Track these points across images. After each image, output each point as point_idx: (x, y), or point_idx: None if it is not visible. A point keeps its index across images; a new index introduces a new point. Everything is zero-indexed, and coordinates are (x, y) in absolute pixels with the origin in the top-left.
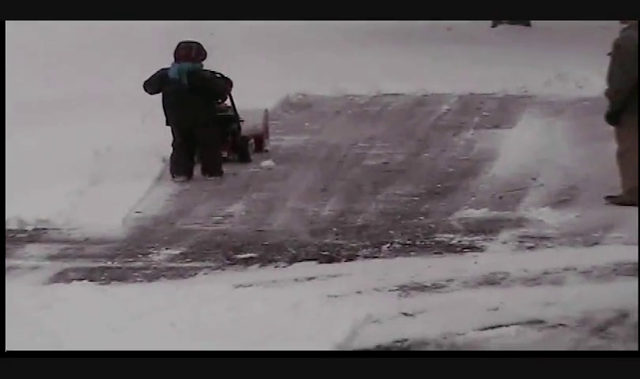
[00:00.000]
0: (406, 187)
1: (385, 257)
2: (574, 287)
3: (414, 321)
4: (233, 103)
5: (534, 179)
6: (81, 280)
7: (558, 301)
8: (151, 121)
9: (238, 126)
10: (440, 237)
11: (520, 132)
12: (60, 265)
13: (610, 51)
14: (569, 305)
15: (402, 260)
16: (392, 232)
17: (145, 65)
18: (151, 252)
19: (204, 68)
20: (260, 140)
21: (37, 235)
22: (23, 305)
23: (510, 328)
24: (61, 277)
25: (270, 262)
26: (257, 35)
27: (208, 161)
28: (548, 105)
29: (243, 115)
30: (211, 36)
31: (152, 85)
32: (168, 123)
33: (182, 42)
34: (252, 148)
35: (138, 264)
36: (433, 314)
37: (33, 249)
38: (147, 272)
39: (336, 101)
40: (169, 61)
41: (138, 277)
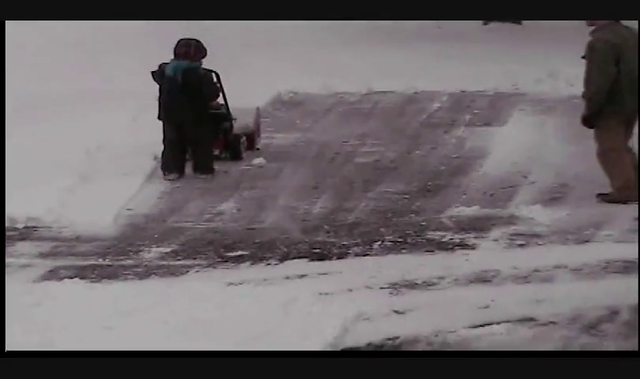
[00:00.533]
0: (397, 185)
1: (376, 255)
2: (565, 285)
3: (405, 319)
4: (226, 101)
5: (525, 177)
6: (72, 278)
7: (548, 298)
8: (142, 118)
9: (230, 124)
10: (431, 234)
11: (511, 130)
12: (51, 263)
13: (584, 54)
14: (559, 302)
15: (393, 257)
16: (383, 230)
17: (138, 63)
18: (142, 250)
19: (202, 66)
20: (251, 138)
21: (28, 233)
22: (14, 302)
23: (501, 326)
24: (52, 275)
25: (261, 260)
26: (247, 33)
27: (199, 159)
28: (539, 103)
29: (235, 113)
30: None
31: (156, 78)
32: (160, 118)
33: (181, 39)
34: (244, 146)
35: (129, 262)
36: (424, 312)
37: (24, 247)
38: (138, 270)
39: (327, 99)
40: (162, 59)
41: (129, 275)
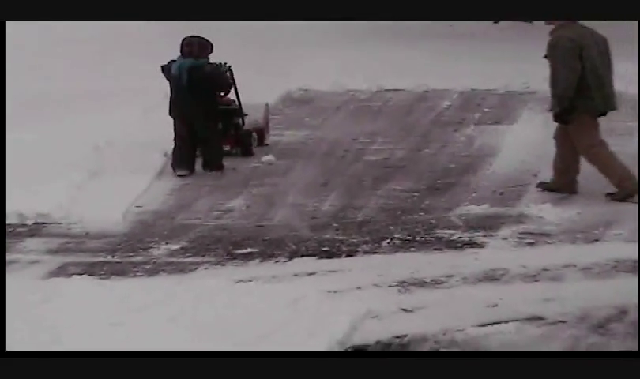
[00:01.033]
0: (406, 183)
1: (385, 253)
2: (574, 284)
3: (414, 317)
4: (238, 97)
5: (535, 176)
6: (81, 275)
7: (557, 297)
8: (151, 115)
9: (242, 120)
10: (440, 233)
11: (521, 128)
12: (60, 260)
13: (545, 54)
14: (568, 301)
15: (402, 255)
16: (392, 228)
17: (146, 59)
18: (151, 246)
19: (209, 62)
20: (261, 134)
21: (37, 229)
22: (22, 299)
23: (510, 325)
24: (61, 271)
25: (270, 257)
26: (258, 30)
27: (208, 156)
28: (549, 101)
29: (245, 110)
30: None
31: (165, 73)
32: (170, 114)
33: (186, 37)
34: (255, 142)
35: (138, 258)
36: (433, 310)
37: (33, 243)
38: (147, 267)
39: (337, 96)
40: (171, 56)
41: (138, 272)
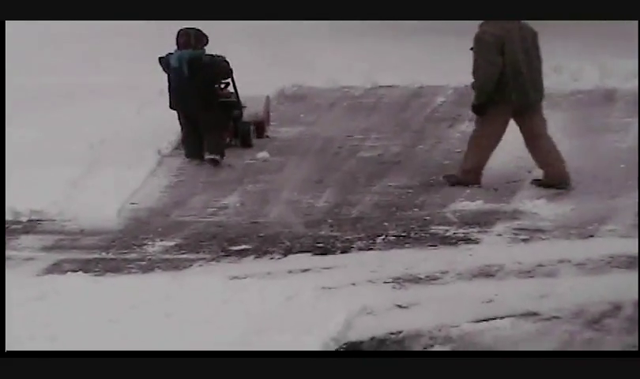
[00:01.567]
0: (401, 179)
1: (379, 249)
2: (569, 280)
3: (409, 313)
4: (236, 90)
5: (529, 172)
6: (76, 271)
7: (552, 293)
8: (146, 112)
9: (240, 112)
10: (435, 229)
11: (515, 124)
12: (54, 256)
13: (472, 46)
14: (563, 297)
15: (397, 252)
16: (387, 224)
17: (142, 56)
18: (146, 243)
19: (205, 53)
20: (261, 126)
21: (31, 226)
22: (17, 296)
23: (505, 321)
24: (55, 268)
25: (265, 254)
26: (250, 26)
27: (211, 144)
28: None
29: (245, 102)
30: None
31: (163, 66)
32: (171, 107)
33: (181, 29)
34: (254, 134)
35: (133, 255)
36: (427, 306)
37: (27, 240)
38: (142, 264)
39: (331, 93)
40: (165, 51)
41: (133, 268)
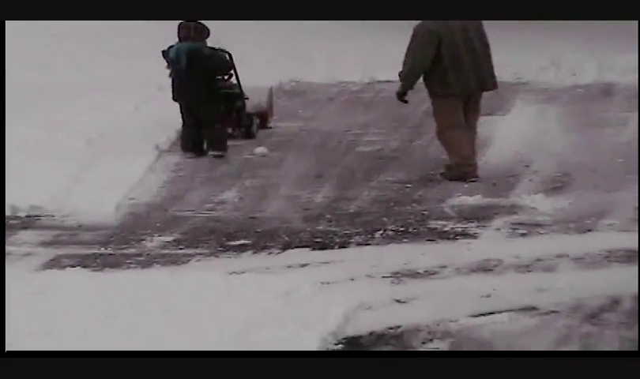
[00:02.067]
0: (399, 174)
1: (378, 244)
2: (567, 274)
3: (407, 308)
4: (238, 80)
5: (527, 166)
6: (74, 267)
7: (550, 287)
8: (144, 107)
9: (243, 103)
10: (433, 224)
11: (513, 119)
12: (53, 252)
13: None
14: (561, 291)
15: (395, 247)
16: (385, 219)
17: (139, 52)
18: (144, 238)
19: (206, 46)
20: (264, 117)
21: (30, 222)
22: (16, 291)
23: (503, 315)
24: (54, 264)
25: (263, 249)
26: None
27: (212, 137)
28: (542, 92)
29: (248, 93)
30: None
31: (166, 58)
32: (174, 99)
33: (182, 21)
34: (257, 125)
35: (131, 250)
36: (426, 301)
37: (26, 235)
38: (140, 259)
39: (329, 88)
40: (163, 48)
41: (132, 264)
